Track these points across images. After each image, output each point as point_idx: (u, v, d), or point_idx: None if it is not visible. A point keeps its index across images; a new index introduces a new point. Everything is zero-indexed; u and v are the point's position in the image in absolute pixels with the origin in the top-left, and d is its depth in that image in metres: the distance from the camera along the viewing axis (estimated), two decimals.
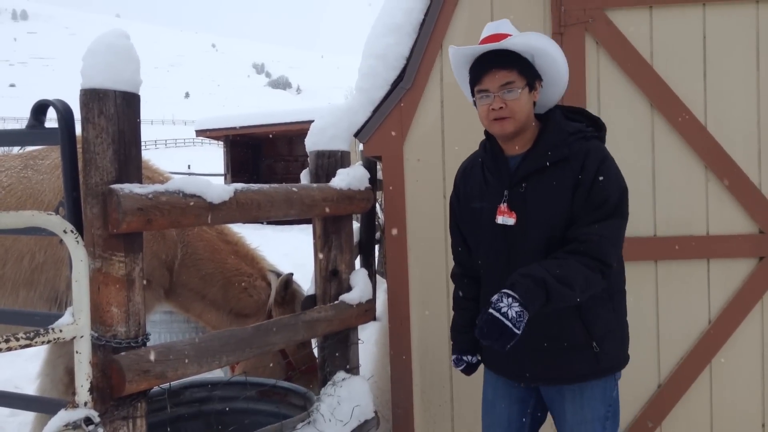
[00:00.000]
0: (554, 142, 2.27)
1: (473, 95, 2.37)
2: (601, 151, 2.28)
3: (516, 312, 1.99)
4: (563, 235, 2.23)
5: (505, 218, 2.30)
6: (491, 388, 2.53)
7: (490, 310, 2.01)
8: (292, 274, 4.10)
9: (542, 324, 2.22)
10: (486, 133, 2.44)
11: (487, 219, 2.36)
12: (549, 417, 2.49)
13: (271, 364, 3.84)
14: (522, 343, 2.10)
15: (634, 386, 3.33)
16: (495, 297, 2.04)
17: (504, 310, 1.99)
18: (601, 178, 2.21)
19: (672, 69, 3.34)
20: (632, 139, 3.37)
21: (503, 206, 2.31)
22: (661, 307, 3.36)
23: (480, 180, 2.43)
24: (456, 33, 3.41)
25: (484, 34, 2.36)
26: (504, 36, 2.28)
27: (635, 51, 3.34)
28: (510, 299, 2.01)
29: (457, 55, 2.40)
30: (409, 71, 3.43)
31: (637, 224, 3.36)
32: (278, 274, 4.16)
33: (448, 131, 3.45)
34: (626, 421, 3.37)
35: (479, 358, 2.56)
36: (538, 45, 2.26)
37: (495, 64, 2.25)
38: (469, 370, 2.58)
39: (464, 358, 2.56)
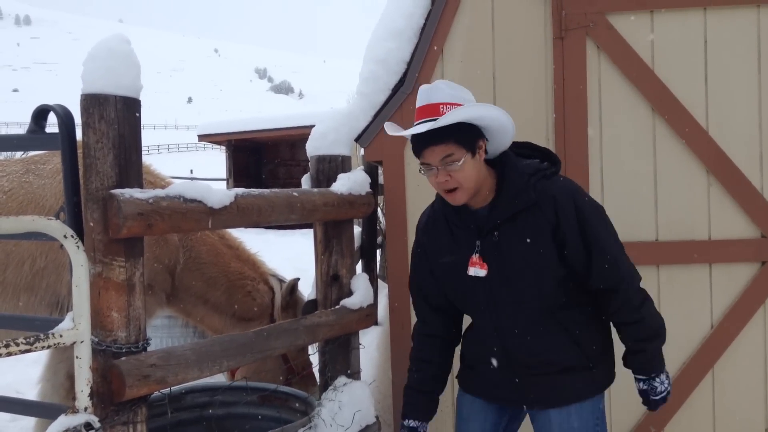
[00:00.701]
0: (518, 187, 2.23)
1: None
2: (568, 193, 2.25)
3: (666, 380, 2.38)
4: (550, 282, 2.24)
5: (477, 270, 2.28)
6: (468, 405, 2.51)
7: (655, 399, 2.37)
8: (298, 279, 4.11)
9: (540, 350, 2.29)
10: None
11: (460, 272, 2.32)
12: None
13: (271, 369, 3.84)
14: (521, 370, 2.29)
15: (635, 393, 3.31)
16: (646, 386, 2.36)
17: (660, 388, 2.36)
18: (588, 224, 2.22)
19: (673, 73, 3.34)
20: (634, 143, 3.37)
21: (475, 257, 2.28)
22: (663, 312, 3.28)
23: (446, 234, 2.38)
24: (457, 38, 3.41)
25: (419, 101, 2.25)
26: (436, 106, 2.19)
27: (636, 55, 3.34)
28: (658, 379, 2.35)
29: (392, 133, 2.38)
30: (410, 76, 3.43)
31: (639, 229, 3.36)
32: (280, 279, 4.17)
33: None
34: (629, 426, 3.36)
35: (426, 426, 2.52)
36: (470, 116, 2.17)
37: (431, 140, 2.17)
38: None
39: (410, 423, 2.50)
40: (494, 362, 2.38)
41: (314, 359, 3.68)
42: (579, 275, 2.27)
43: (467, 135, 2.18)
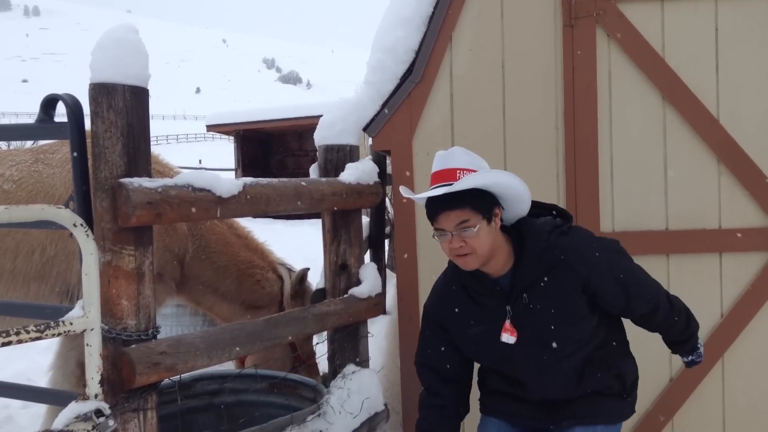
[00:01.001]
0: (541, 247, 2.23)
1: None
2: (588, 243, 2.29)
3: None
4: (586, 332, 2.26)
5: (509, 336, 2.26)
6: (492, 427, 2.48)
7: (700, 359, 2.53)
8: (308, 269, 4.14)
9: (583, 388, 2.31)
10: None
11: (492, 340, 2.29)
12: None
13: (280, 357, 3.87)
14: (558, 402, 2.33)
15: (646, 380, 3.29)
16: (691, 358, 2.52)
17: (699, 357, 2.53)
18: (615, 265, 2.27)
19: (684, 62, 3.32)
20: (644, 132, 3.35)
21: (507, 323, 2.26)
22: None
23: (470, 304, 2.35)
24: (466, 25, 3.39)
25: (435, 166, 2.26)
26: (453, 171, 2.20)
27: (647, 44, 3.31)
28: (701, 348, 2.52)
29: (407, 197, 2.40)
30: (418, 65, 3.41)
31: (649, 218, 3.34)
32: (288, 268, 4.19)
33: (458, 125, 3.43)
34: (638, 415, 3.36)
35: None
36: (486, 182, 2.18)
37: (446, 205, 2.17)
38: None
39: None
40: (531, 403, 2.37)
41: (320, 349, 3.69)
42: (619, 313, 2.36)
43: (483, 202, 2.17)
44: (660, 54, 3.32)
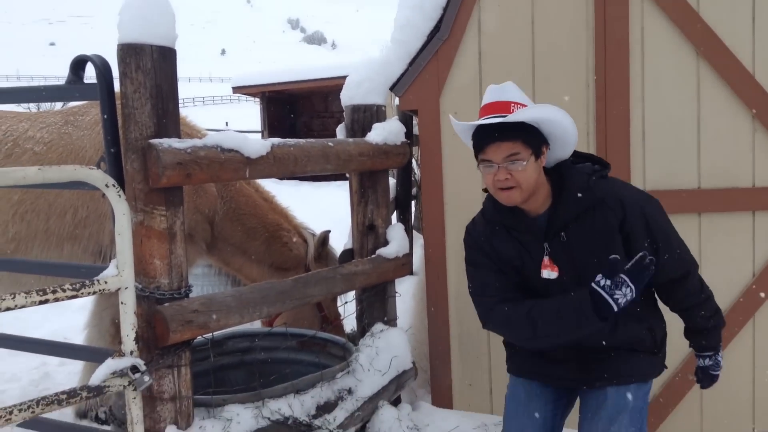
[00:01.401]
0: (580, 186, 2.23)
1: (477, 160, 2.26)
2: (629, 190, 2.30)
3: (721, 359, 2.43)
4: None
5: (549, 272, 2.27)
6: (524, 388, 2.46)
7: (716, 372, 2.43)
8: (329, 232, 4.17)
9: (614, 338, 2.28)
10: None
11: (532, 275, 2.31)
12: None
13: (307, 317, 3.92)
14: (588, 355, 2.30)
15: (675, 341, 3.30)
16: (710, 362, 2.41)
17: (718, 366, 2.42)
18: (650, 216, 2.23)
19: (719, 15, 3.21)
20: (677, 88, 3.27)
21: (546, 260, 2.27)
22: (704, 261, 3.30)
23: (511, 240, 2.35)
24: None
25: (486, 99, 2.24)
26: (507, 104, 2.19)
27: None
28: (717, 355, 2.40)
29: (456, 126, 2.33)
30: (446, 21, 3.36)
31: (681, 176, 3.29)
32: (311, 232, 4.24)
33: (486, 83, 3.37)
34: (666, 375, 3.35)
35: None
36: (542, 116, 2.17)
37: (498, 136, 2.16)
38: None
39: None
40: (560, 351, 2.35)
41: (349, 308, 3.73)
42: None
43: (535, 137, 2.18)
44: (694, 8, 3.22)
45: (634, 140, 3.28)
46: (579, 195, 2.23)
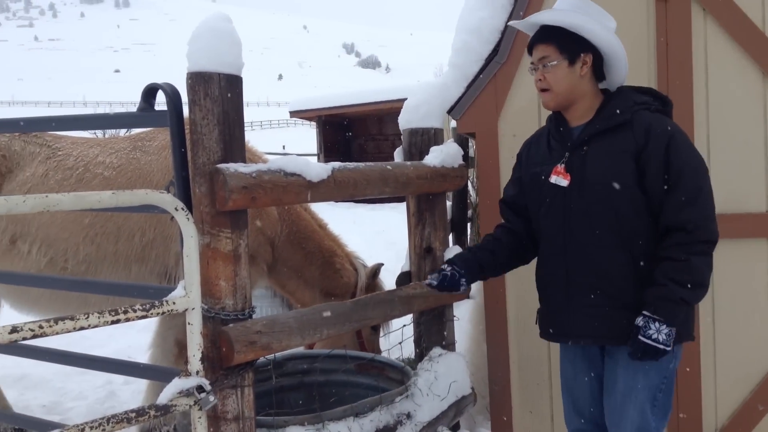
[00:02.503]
0: (618, 108, 2.32)
1: None
2: (666, 124, 2.27)
3: (665, 334, 2.13)
4: (626, 204, 2.25)
5: (559, 179, 2.36)
6: (570, 363, 2.52)
7: (641, 338, 2.15)
8: (381, 265, 4.23)
9: (601, 276, 2.29)
10: None
11: (543, 180, 2.42)
12: None
13: (347, 345, 3.94)
14: (580, 299, 2.31)
15: (744, 367, 3.19)
16: (641, 322, 2.16)
17: (654, 336, 2.13)
18: (676, 155, 2.20)
19: None
20: (742, 109, 3.19)
21: (559, 167, 2.37)
22: None
23: (545, 148, 2.50)
24: (553, 2, 3.31)
25: (554, 7, 2.42)
26: (561, 11, 2.36)
27: (745, 17, 3.14)
28: (657, 324, 2.14)
29: (518, 29, 2.56)
30: (504, 45, 3.36)
31: (748, 199, 3.19)
32: (361, 262, 4.31)
33: None
34: (735, 404, 3.23)
35: (463, 283, 2.57)
36: (568, 21, 2.29)
37: (537, 39, 2.38)
38: (442, 283, 2.55)
39: (446, 268, 2.57)
40: (555, 287, 2.41)
41: (407, 331, 3.72)
42: (653, 207, 2.24)
43: (570, 43, 2.31)
44: (760, 28, 3.14)
45: None
46: (611, 114, 2.31)
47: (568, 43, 2.31)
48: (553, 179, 2.37)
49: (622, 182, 2.24)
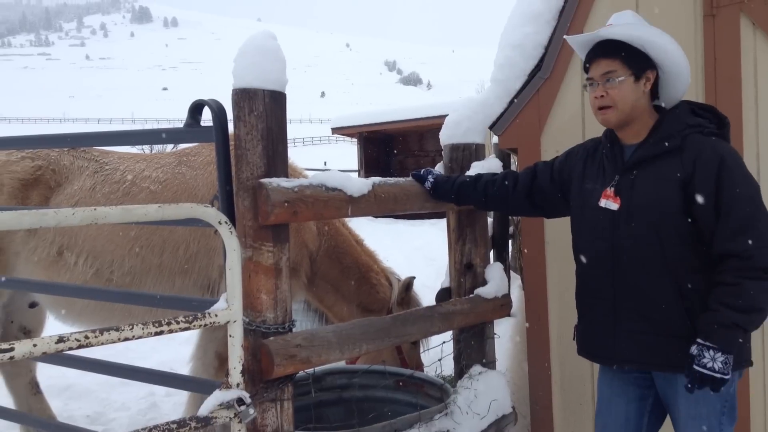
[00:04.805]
0: (670, 132, 2.26)
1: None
2: (717, 150, 2.18)
3: (721, 362, 2.04)
4: (670, 230, 2.20)
5: (609, 202, 2.32)
6: (607, 385, 2.48)
7: (696, 368, 2.06)
8: (414, 278, 4.22)
9: (647, 303, 2.25)
10: None
11: (594, 201, 2.38)
12: None
13: (387, 360, 3.92)
14: (627, 324, 2.30)
15: None
16: (695, 351, 2.08)
17: (710, 364, 2.05)
18: (727, 182, 2.12)
19: None
20: None
21: (609, 190, 2.33)
22: None
23: (598, 164, 2.46)
24: (597, 18, 3.28)
25: (607, 23, 2.37)
26: (619, 26, 2.31)
27: None
28: (711, 351, 2.05)
29: (571, 45, 2.47)
30: (548, 60, 3.34)
31: None
32: (396, 277, 4.31)
33: (590, 119, 3.32)
34: None
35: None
36: (639, 35, 2.25)
37: (599, 53, 2.30)
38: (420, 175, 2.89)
39: (429, 177, 2.87)
40: (601, 309, 2.37)
41: (447, 348, 3.69)
42: (705, 236, 2.18)
43: (635, 57, 2.26)
44: None
45: None
46: (665, 138, 2.24)
47: (634, 58, 2.26)
48: (603, 203, 2.34)
49: (667, 210, 2.20)
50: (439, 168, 3.56)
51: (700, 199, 2.15)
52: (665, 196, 2.20)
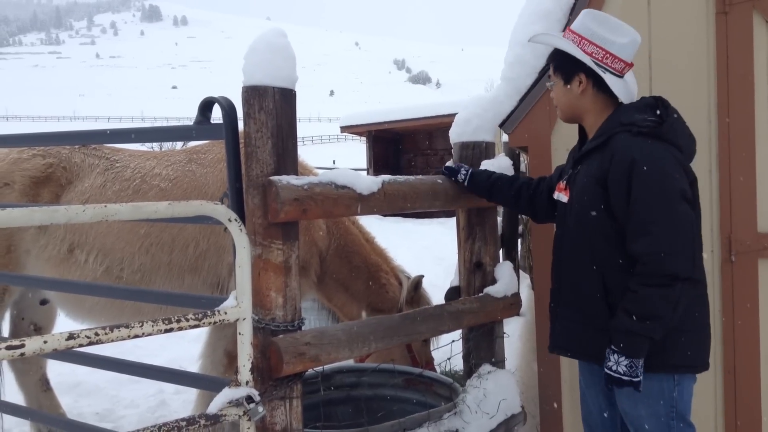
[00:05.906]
0: (604, 130, 2.36)
1: None
2: (633, 150, 2.19)
3: (626, 365, 2.13)
4: (593, 227, 2.29)
5: (560, 195, 2.50)
6: (582, 376, 2.59)
7: (606, 371, 2.19)
8: (422, 276, 4.20)
9: (575, 296, 2.37)
10: None
11: (551, 195, 2.64)
12: None
13: (397, 358, 3.91)
14: (564, 312, 2.44)
15: None
16: (607, 353, 2.19)
17: (614, 367, 2.15)
18: (635, 183, 2.16)
19: None
20: None
21: (562, 183, 2.52)
22: None
23: (569, 160, 2.61)
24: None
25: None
26: (569, 31, 2.50)
27: None
28: (616, 355, 2.15)
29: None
30: None
31: None
32: (406, 275, 4.29)
33: None
34: None
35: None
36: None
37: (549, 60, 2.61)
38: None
39: (462, 169, 2.97)
40: (553, 296, 2.53)
41: (456, 347, 3.68)
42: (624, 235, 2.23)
43: (564, 63, 2.44)
44: None
45: (762, 179, 3.10)
46: (597, 136, 2.37)
47: (562, 63, 2.45)
48: (556, 195, 2.55)
49: (591, 207, 2.29)
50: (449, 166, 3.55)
51: (614, 197, 2.22)
52: (590, 194, 2.30)
